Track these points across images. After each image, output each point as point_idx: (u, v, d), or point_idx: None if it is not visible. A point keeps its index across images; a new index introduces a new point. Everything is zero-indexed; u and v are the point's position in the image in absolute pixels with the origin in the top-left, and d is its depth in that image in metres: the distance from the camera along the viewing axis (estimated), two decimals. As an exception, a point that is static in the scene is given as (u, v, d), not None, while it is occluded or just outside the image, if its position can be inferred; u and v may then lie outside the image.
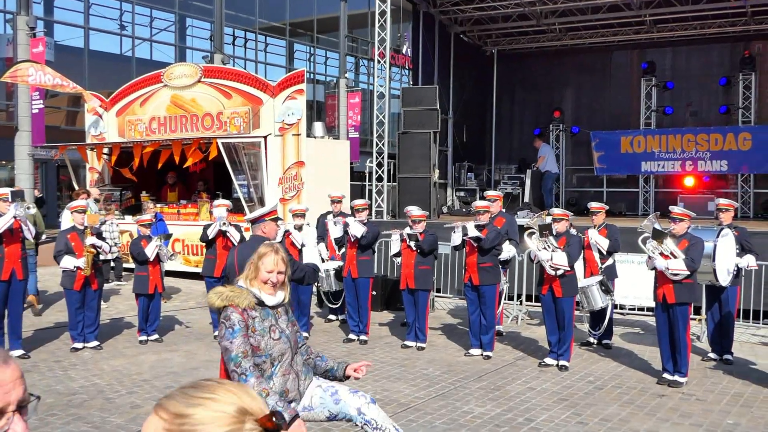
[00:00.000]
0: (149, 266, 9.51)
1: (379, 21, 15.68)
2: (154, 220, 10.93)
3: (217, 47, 25.05)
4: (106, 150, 16.36)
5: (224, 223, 9.70)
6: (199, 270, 12.64)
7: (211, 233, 9.74)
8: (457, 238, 9.11)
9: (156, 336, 9.69)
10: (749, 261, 8.76)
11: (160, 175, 16.71)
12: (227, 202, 10.50)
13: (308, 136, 15.37)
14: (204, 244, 10.11)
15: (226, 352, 3.79)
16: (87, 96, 16.75)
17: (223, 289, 3.92)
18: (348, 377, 4.27)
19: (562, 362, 8.44)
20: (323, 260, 10.79)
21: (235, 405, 1.35)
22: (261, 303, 3.94)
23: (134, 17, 24.46)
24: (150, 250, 9.44)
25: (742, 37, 18.00)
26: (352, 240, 9.66)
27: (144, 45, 25.06)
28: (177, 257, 13.77)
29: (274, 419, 1.35)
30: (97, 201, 14.44)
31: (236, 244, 9.14)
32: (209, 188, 16.79)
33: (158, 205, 14.46)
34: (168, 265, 12.51)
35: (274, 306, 4.01)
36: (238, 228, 9.79)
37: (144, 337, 9.57)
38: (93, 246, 8.83)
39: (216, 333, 9.79)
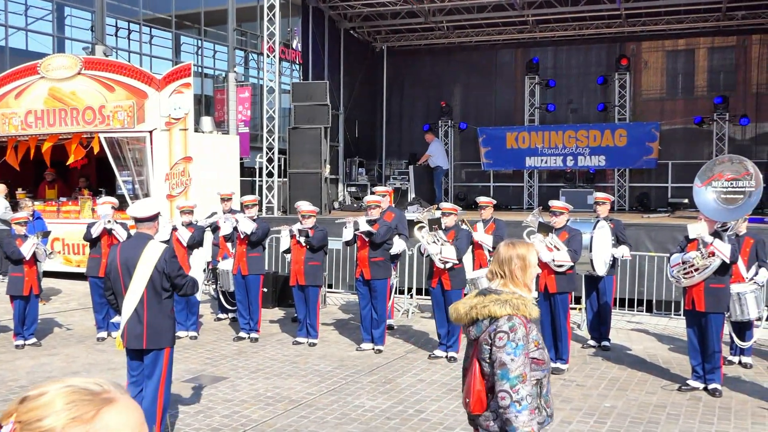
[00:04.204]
0: (25, 266, 9.03)
1: (268, 15, 15.49)
2: (31, 218, 10.41)
3: (98, 38, 24.06)
4: (-24, 145, 15.45)
5: (109, 221, 9.36)
6: (80, 270, 12.17)
7: (95, 232, 9.37)
8: (348, 233, 9.16)
9: (33, 340, 9.23)
10: (624, 251, 9.24)
11: (37, 172, 15.93)
12: (113, 199, 10.13)
13: (196, 131, 15.01)
14: (87, 242, 9.72)
15: (501, 367, 3.27)
16: (-45, 87, 15.73)
17: (504, 297, 3.40)
18: None
19: (451, 354, 8.63)
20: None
21: None
22: None
23: (7, 4, 23.10)
24: (26, 249, 8.98)
25: (618, 38, 18.89)
26: (242, 237, 9.54)
27: (18, 34, 23.74)
28: (56, 256, 13.16)
29: None
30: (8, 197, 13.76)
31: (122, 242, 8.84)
32: (91, 185, 16.16)
33: (36, 203, 13.77)
34: (48, 265, 11.95)
35: None
36: (124, 226, 9.47)
37: (20, 342, 9.10)
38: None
39: (98, 335, 9.49)
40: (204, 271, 11.26)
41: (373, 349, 9.07)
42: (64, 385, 1.31)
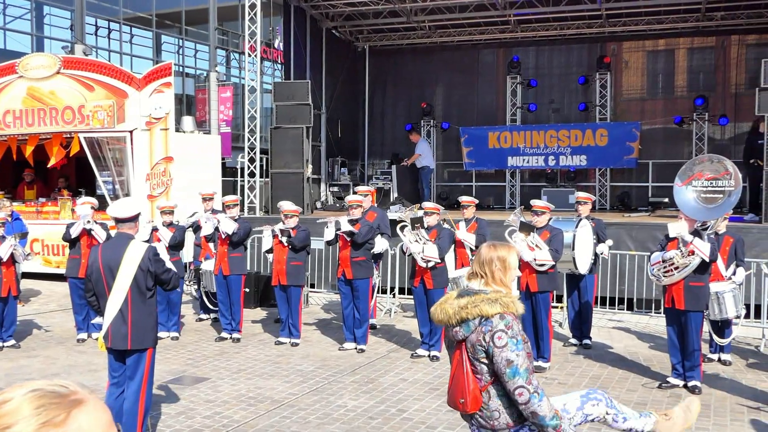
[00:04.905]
0: (2, 267, 8.94)
1: (249, 14, 15.44)
2: (10, 219, 10.30)
3: (78, 37, 23.88)
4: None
5: (88, 221, 9.29)
6: (60, 271, 12.06)
7: (74, 232, 9.29)
8: (330, 233, 9.15)
9: (12, 342, 9.14)
10: (603, 249, 9.30)
11: (16, 172, 15.76)
12: (92, 199, 10.05)
13: (177, 130, 14.93)
14: (67, 243, 9.63)
15: (508, 365, 3.30)
16: (-68, 86, 15.52)
17: (492, 296, 3.43)
18: None
19: (433, 353, 8.64)
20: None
21: None
22: None
23: (-15, 3, 22.90)
24: (3, 250, 8.88)
25: (599, 38, 18.98)
26: (223, 237, 9.50)
27: (-3, 33, 23.51)
28: (34, 257, 13.04)
29: None
30: None
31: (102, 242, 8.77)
32: (71, 185, 16.03)
33: (14, 204, 13.63)
34: (27, 267, 11.85)
35: None
36: (104, 226, 9.39)
37: (-1, 344, 9.02)
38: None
39: (78, 337, 9.41)
40: (186, 269, 11.19)
41: (356, 348, 9.07)
42: (29, 389, 1.29)
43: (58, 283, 12.98)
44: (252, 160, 15.43)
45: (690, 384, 7.32)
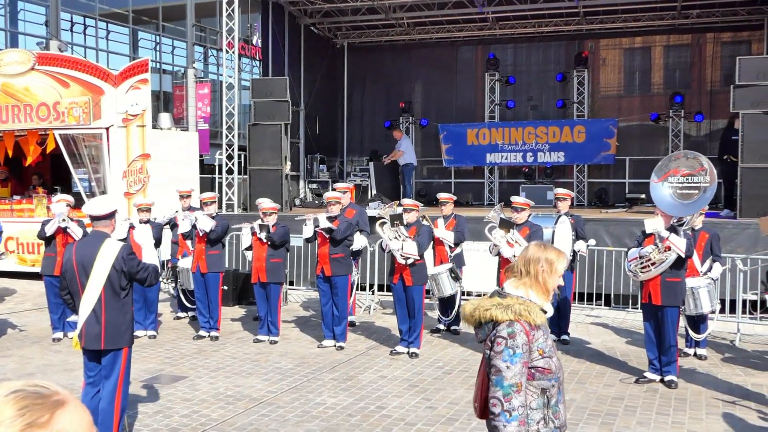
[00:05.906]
0: (-23, 267, 8.83)
1: (227, 10, 15.34)
2: (-17, 217, 10.19)
3: (53, 33, 23.59)
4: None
5: (64, 219, 9.18)
6: (35, 269, 11.92)
7: (50, 230, 9.17)
8: (308, 230, 9.11)
9: (-13, 341, 9.03)
10: (581, 247, 9.34)
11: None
12: (68, 197, 9.93)
13: (154, 127, 14.81)
14: (42, 241, 9.52)
15: (496, 374, 3.19)
16: None
17: (507, 301, 3.26)
18: None
19: (412, 350, 8.64)
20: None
21: None
22: None
23: (-42, -2, 22.55)
24: (-22, 250, 8.77)
25: (576, 36, 19.10)
26: (201, 234, 9.43)
27: (-30, 29, 23.17)
28: (9, 256, 12.88)
29: None
30: None
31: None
32: (46, 182, 15.85)
33: (-12, 202, 13.48)
34: (2, 265, 11.72)
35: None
36: (80, 224, 9.29)
37: (-27, 344, 8.89)
38: None
39: (54, 336, 9.30)
40: (163, 266, 11.10)
41: (335, 345, 9.05)
42: (11, 390, 1.27)
43: (34, 282, 12.83)
44: (230, 157, 15.34)
45: (666, 379, 7.39)
